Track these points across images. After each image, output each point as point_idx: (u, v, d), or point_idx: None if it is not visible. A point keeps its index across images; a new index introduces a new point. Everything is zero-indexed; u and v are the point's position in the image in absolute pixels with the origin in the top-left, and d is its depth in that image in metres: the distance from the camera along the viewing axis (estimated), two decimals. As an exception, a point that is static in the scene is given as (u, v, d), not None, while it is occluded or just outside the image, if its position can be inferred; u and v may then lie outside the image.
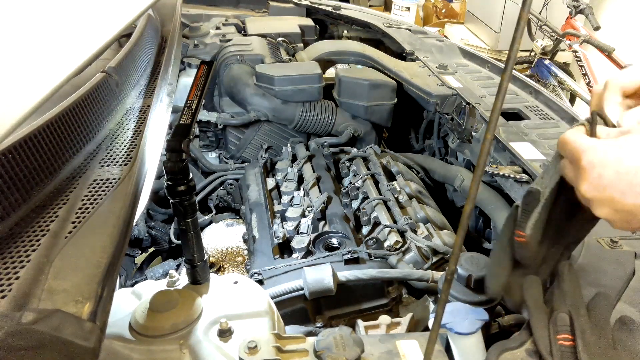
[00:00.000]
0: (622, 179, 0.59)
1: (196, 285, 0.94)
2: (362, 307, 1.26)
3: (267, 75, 1.89)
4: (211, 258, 1.60)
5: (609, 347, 0.71)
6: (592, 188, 0.62)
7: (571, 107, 1.72)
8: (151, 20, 1.63)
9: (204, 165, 2.04)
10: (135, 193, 0.83)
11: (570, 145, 0.65)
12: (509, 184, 1.39)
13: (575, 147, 0.64)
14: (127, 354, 0.79)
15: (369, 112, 1.92)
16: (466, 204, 0.56)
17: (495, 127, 0.53)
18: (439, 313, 0.64)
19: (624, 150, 0.60)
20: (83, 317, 0.59)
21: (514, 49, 0.48)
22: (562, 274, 0.81)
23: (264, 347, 0.77)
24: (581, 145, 0.63)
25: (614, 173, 0.60)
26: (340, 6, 2.76)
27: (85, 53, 0.80)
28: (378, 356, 0.82)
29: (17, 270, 0.65)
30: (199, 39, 2.27)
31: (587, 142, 0.63)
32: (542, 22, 4.06)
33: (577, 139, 0.65)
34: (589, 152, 0.62)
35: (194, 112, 0.90)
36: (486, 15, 5.38)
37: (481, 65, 2.13)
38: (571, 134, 0.66)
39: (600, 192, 0.61)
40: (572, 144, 0.65)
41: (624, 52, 3.69)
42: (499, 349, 0.77)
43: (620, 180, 0.59)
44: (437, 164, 1.84)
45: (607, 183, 0.60)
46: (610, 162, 0.60)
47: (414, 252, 1.31)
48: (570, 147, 0.65)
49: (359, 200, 1.55)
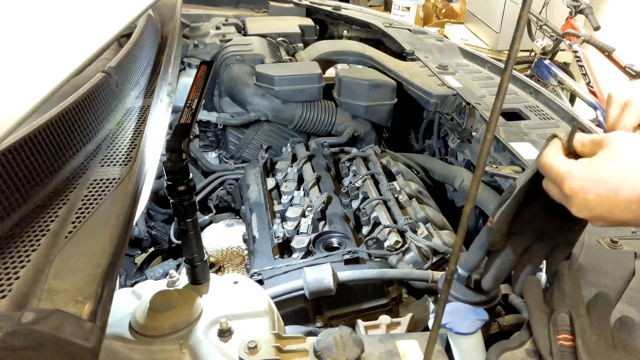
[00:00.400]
0: (605, 199, 0.62)
1: (196, 285, 0.94)
2: (362, 307, 1.26)
3: (267, 75, 1.89)
4: (211, 258, 1.60)
5: (609, 347, 0.71)
6: (582, 210, 0.65)
7: (571, 107, 1.72)
8: (151, 20, 1.63)
9: (204, 165, 2.04)
10: (135, 193, 0.83)
11: (552, 172, 0.68)
12: (509, 184, 1.39)
13: (555, 173, 0.67)
14: (127, 354, 0.79)
15: (369, 112, 1.92)
16: (466, 204, 0.56)
17: (495, 127, 0.53)
18: (439, 313, 0.64)
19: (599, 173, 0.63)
20: (83, 317, 0.59)
21: (514, 49, 0.48)
22: (562, 274, 0.81)
23: (264, 347, 0.77)
24: (559, 171, 0.66)
25: (596, 196, 0.62)
26: (340, 6, 2.76)
27: (85, 53, 0.80)
28: (378, 356, 0.82)
29: (17, 270, 0.65)
30: (199, 39, 2.27)
31: (565, 168, 0.66)
32: (542, 22, 4.06)
33: (555, 163, 0.67)
34: (569, 179, 0.65)
35: (194, 112, 0.90)
36: (486, 15, 5.38)
37: (481, 65, 2.13)
38: (550, 156, 0.69)
39: (591, 212, 0.64)
40: (552, 170, 0.68)
41: (624, 52, 3.69)
42: (499, 349, 0.77)
43: (603, 201, 0.62)
44: (437, 164, 1.84)
45: (594, 205, 0.63)
46: (589, 187, 0.63)
47: (414, 252, 1.31)
48: (551, 173, 0.68)
49: (359, 200, 1.55)
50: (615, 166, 0.62)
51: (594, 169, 0.63)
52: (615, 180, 0.61)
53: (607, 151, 0.63)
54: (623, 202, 0.61)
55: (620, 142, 0.63)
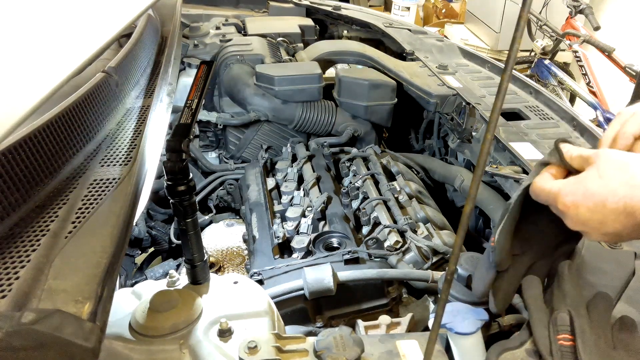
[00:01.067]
0: (596, 212, 0.66)
1: (196, 285, 0.94)
2: (362, 307, 1.26)
3: (267, 75, 1.89)
4: (211, 258, 1.60)
5: (609, 347, 0.71)
6: (576, 223, 0.69)
7: (571, 107, 1.72)
8: (151, 20, 1.63)
9: (204, 165, 2.04)
10: (135, 193, 0.83)
11: (544, 193, 0.72)
12: (509, 184, 1.39)
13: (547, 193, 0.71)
14: (127, 354, 0.79)
15: (369, 112, 1.92)
16: (466, 204, 0.56)
17: (495, 127, 0.53)
18: (439, 313, 0.64)
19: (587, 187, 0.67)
20: (83, 317, 0.59)
21: (514, 49, 0.48)
22: (562, 274, 0.81)
23: (264, 347, 0.77)
24: (551, 190, 0.71)
25: (587, 210, 0.67)
26: (340, 6, 2.76)
27: (85, 53, 0.80)
28: (378, 356, 0.82)
29: (17, 270, 0.65)
30: (199, 39, 2.27)
31: (555, 187, 0.71)
32: (542, 22, 4.06)
33: (545, 185, 0.72)
34: (560, 197, 0.69)
35: (194, 112, 0.90)
36: (486, 15, 5.38)
37: (481, 65, 2.13)
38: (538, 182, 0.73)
39: (584, 225, 0.69)
40: (543, 191, 0.72)
41: (624, 52, 3.69)
42: (499, 349, 0.77)
43: (594, 214, 0.66)
44: (437, 164, 1.84)
45: (586, 218, 0.67)
46: (579, 202, 0.67)
47: (414, 252, 1.31)
48: (543, 195, 0.72)
49: (359, 200, 1.55)
50: (601, 181, 0.66)
51: (582, 184, 0.68)
52: (602, 193, 0.65)
53: (595, 168, 0.68)
54: (612, 212, 0.65)
55: (606, 159, 0.68)
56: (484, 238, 1.63)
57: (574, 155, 0.72)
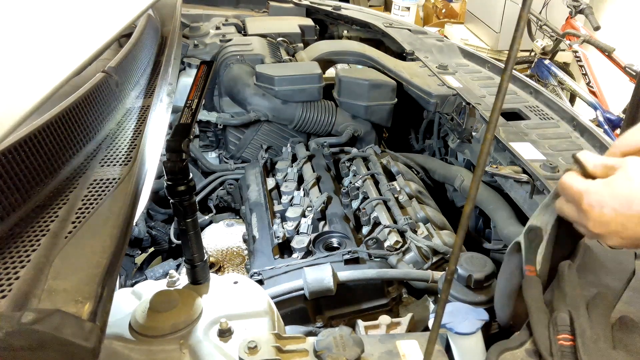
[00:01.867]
0: (620, 214, 0.68)
1: (196, 285, 0.94)
2: (362, 307, 1.26)
3: (267, 75, 1.89)
4: (211, 258, 1.60)
5: (609, 347, 0.71)
6: (598, 225, 0.70)
7: (571, 107, 1.72)
8: (151, 20, 1.63)
9: (204, 165, 2.04)
10: (135, 193, 0.83)
11: (570, 190, 0.74)
12: (509, 184, 1.39)
13: (574, 191, 0.73)
14: (127, 354, 0.79)
15: (369, 112, 1.92)
16: (466, 204, 0.56)
17: (495, 127, 0.53)
18: (439, 313, 0.64)
19: (614, 189, 0.69)
20: (83, 317, 0.59)
21: (514, 49, 0.48)
22: (562, 274, 0.81)
23: (264, 347, 0.77)
24: (578, 189, 0.72)
25: (612, 211, 0.68)
26: (340, 6, 2.76)
27: (85, 53, 0.80)
28: (378, 356, 0.82)
29: (17, 270, 0.65)
30: (199, 39, 2.27)
31: (583, 185, 0.72)
32: (542, 22, 4.06)
33: (574, 183, 0.73)
34: (586, 196, 0.71)
35: (194, 112, 0.90)
36: (486, 15, 5.38)
37: (481, 65, 2.13)
38: (568, 177, 0.75)
39: (606, 227, 0.70)
40: (570, 188, 0.73)
41: (624, 52, 3.69)
42: (499, 349, 0.77)
43: (618, 216, 0.68)
44: (437, 164, 1.84)
45: (609, 219, 0.69)
46: (606, 202, 0.69)
47: (414, 252, 1.31)
48: (569, 192, 0.74)
49: (359, 200, 1.55)
50: (630, 184, 0.68)
51: (610, 185, 0.69)
52: (630, 195, 0.67)
53: (623, 171, 0.69)
54: (636, 216, 0.66)
55: (635, 164, 0.69)
56: (484, 238, 1.63)
57: (597, 163, 0.73)
